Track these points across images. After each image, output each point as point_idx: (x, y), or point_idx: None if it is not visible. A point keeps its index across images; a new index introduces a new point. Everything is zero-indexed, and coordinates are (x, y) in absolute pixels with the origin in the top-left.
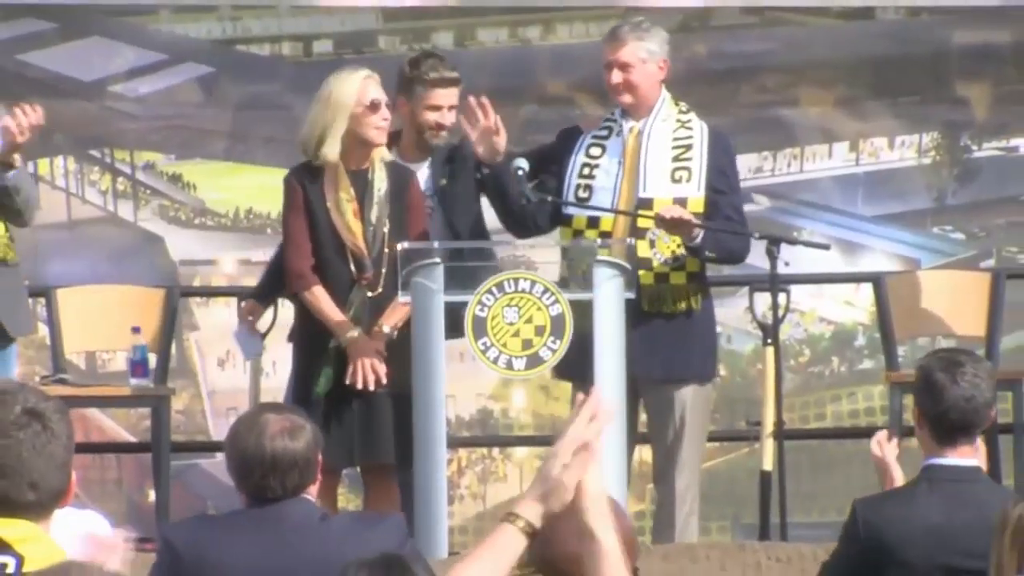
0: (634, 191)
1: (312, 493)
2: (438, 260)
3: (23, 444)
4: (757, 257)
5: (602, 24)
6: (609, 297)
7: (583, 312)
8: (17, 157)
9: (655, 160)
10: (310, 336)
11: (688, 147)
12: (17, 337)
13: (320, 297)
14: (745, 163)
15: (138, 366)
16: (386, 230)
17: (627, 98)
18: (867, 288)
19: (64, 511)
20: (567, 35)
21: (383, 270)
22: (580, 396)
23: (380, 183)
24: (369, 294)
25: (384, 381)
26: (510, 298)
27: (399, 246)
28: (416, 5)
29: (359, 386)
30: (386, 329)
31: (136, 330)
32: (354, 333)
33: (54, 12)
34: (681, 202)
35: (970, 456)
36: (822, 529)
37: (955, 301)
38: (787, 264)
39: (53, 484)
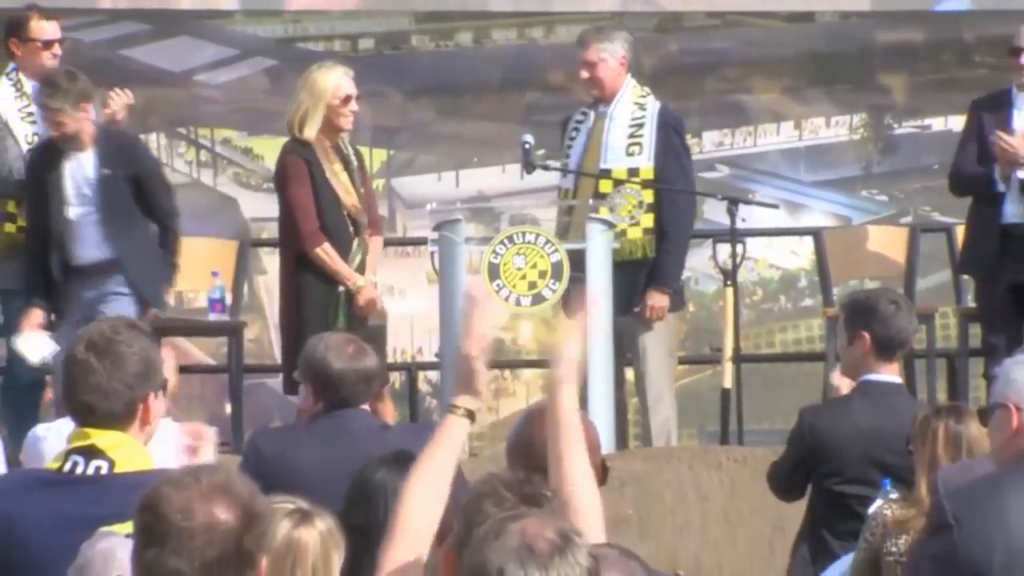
0: (597, 163)
1: (368, 406)
2: (460, 218)
3: (81, 374)
4: (719, 214)
5: (595, 25)
6: (599, 247)
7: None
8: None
9: (615, 137)
10: (318, 284)
11: (641, 125)
12: None
13: (330, 252)
14: (709, 139)
15: (217, 303)
16: (362, 192)
17: (594, 91)
18: (808, 240)
19: (165, 422)
20: (565, 34)
21: (366, 222)
22: (466, 296)
23: (351, 157)
24: (366, 245)
25: (384, 312)
26: (518, 248)
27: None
28: (442, 10)
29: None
30: (373, 278)
31: (215, 274)
32: (362, 281)
33: (150, 15)
34: (634, 172)
35: (895, 374)
36: (772, 435)
37: (880, 251)
38: (744, 220)
39: (103, 407)
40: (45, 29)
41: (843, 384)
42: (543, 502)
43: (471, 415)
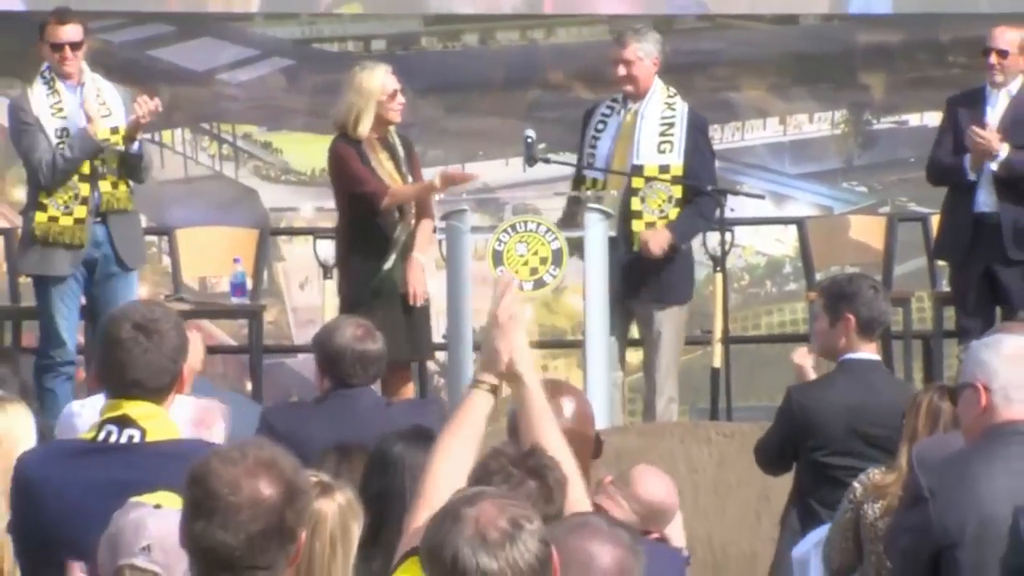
0: (628, 158)
1: (376, 387)
2: (466, 208)
3: (129, 353)
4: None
5: (593, 28)
6: (596, 235)
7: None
8: (139, 133)
9: (646, 135)
10: (362, 267)
11: (671, 124)
12: (134, 268)
13: (398, 190)
14: None
15: (238, 288)
16: (410, 180)
17: (629, 87)
18: (792, 229)
19: (182, 397)
20: (564, 36)
21: (412, 209)
22: (498, 281)
23: (398, 147)
24: (411, 224)
25: (427, 296)
26: (521, 236)
27: (436, 197)
28: (449, 13)
29: (419, 302)
30: (422, 259)
31: (237, 260)
32: (439, 180)
33: (174, 18)
34: (665, 168)
35: (874, 352)
36: (758, 412)
37: (860, 239)
38: (732, 210)
39: (154, 383)
40: (58, 32)
41: (805, 362)
42: (548, 474)
43: (495, 390)
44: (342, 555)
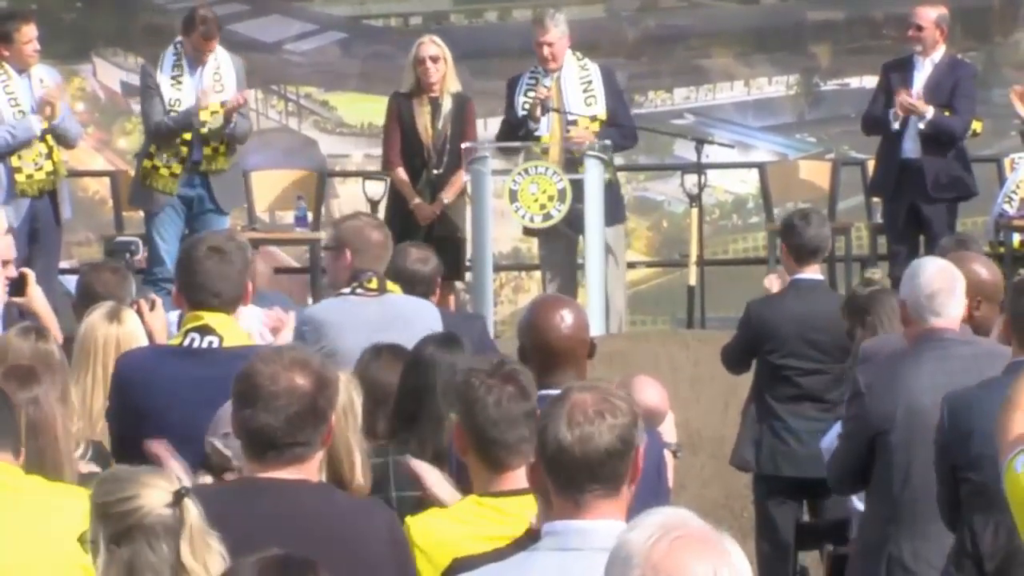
0: (563, 117)
1: (434, 301)
2: (487, 155)
3: (207, 269)
4: (687, 151)
5: (588, 7)
6: (594, 177)
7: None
8: (233, 117)
9: (571, 95)
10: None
11: (590, 82)
12: (227, 212)
13: (400, 176)
14: (679, 94)
15: (301, 220)
16: (448, 133)
17: (552, 65)
18: (755, 172)
19: (248, 307)
20: (567, 13)
21: (444, 158)
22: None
23: (447, 105)
24: (435, 172)
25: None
26: (532, 178)
27: (463, 145)
28: None
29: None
30: (445, 200)
31: (300, 198)
32: (417, 200)
33: None
34: (593, 118)
35: (816, 273)
36: (727, 322)
37: (809, 180)
38: (707, 156)
39: (230, 294)
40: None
41: (773, 285)
42: (520, 377)
43: None
44: (352, 420)
